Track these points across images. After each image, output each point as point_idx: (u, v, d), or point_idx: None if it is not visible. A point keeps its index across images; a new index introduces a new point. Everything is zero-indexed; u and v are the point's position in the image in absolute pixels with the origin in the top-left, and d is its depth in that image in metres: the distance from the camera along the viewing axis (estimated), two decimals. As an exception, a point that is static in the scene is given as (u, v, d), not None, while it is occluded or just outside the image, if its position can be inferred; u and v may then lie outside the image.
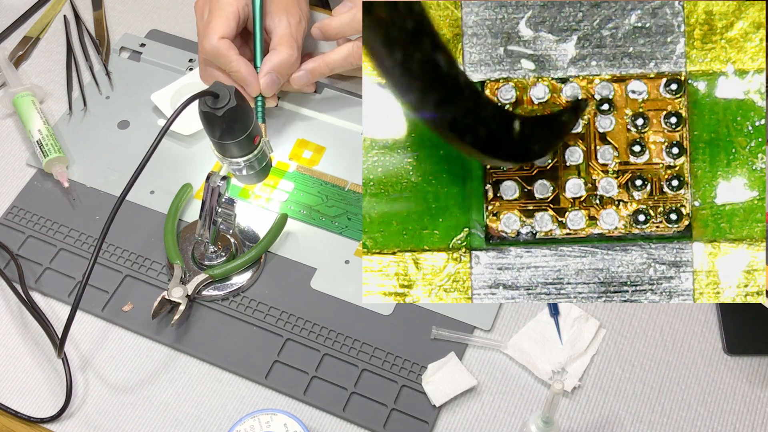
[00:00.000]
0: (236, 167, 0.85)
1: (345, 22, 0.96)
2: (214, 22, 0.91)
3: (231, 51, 0.91)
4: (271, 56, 0.93)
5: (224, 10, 0.92)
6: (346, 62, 0.96)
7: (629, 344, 0.85)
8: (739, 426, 0.80)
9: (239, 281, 0.88)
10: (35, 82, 1.04)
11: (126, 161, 0.96)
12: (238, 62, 0.91)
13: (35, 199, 0.94)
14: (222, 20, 0.91)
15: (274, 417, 0.77)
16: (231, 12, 0.92)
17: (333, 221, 0.92)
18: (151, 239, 0.91)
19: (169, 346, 0.85)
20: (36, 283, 0.88)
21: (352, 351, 0.84)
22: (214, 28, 0.91)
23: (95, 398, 0.82)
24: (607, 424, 0.81)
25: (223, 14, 0.92)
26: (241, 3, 0.93)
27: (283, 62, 0.93)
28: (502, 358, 0.84)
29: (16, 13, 1.11)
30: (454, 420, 0.81)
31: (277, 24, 0.95)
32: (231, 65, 0.91)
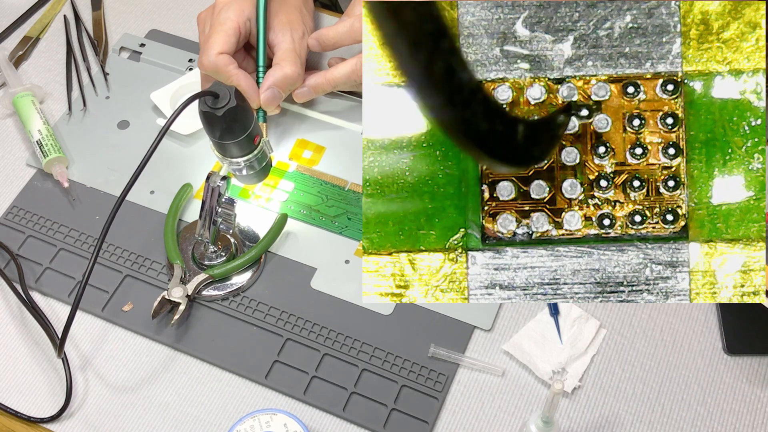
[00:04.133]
0: (236, 167, 0.85)
1: (342, 32, 0.95)
2: (213, 38, 0.91)
3: (230, 65, 0.91)
4: (273, 71, 0.93)
5: (224, 26, 0.92)
6: (349, 79, 0.96)
7: (629, 344, 0.85)
8: (739, 426, 0.80)
9: (239, 281, 0.88)
10: (35, 82, 1.04)
11: (126, 161, 0.96)
12: (238, 76, 0.91)
13: (35, 199, 0.94)
14: (221, 36, 0.91)
15: (274, 417, 0.77)
16: (231, 28, 0.92)
17: (333, 221, 0.92)
18: (151, 239, 0.91)
19: (169, 346, 0.85)
20: (36, 283, 0.89)
21: (352, 351, 0.84)
22: (213, 44, 0.91)
23: (95, 398, 0.82)
24: (607, 424, 0.81)
25: (223, 30, 0.91)
26: (242, 18, 0.93)
27: (286, 78, 0.93)
28: (502, 358, 0.84)
29: (16, 13, 1.11)
30: (454, 420, 0.81)
31: (281, 39, 0.95)
32: (231, 79, 0.91)
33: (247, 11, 0.93)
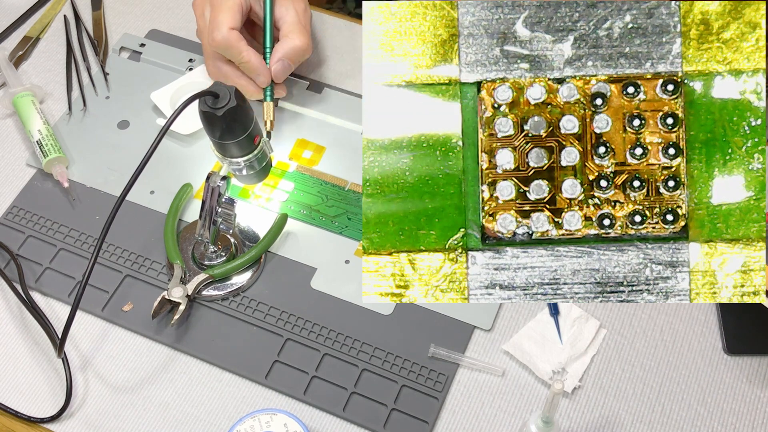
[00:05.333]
0: (236, 167, 0.85)
1: None
2: (222, 15, 0.92)
3: (241, 42, 0.91)
4: (282, 44, 0.94)
5: (229, 2, 0.92)
6: None
7: (629, 344, 0.85)
8: (739, 426, 0.80)
9: (239, 281, 0.88)
10: (35, 82, 1.04)
11: (126, 161, 0.96)
12: (248, 53, 0.91)
13: (35, 199, 0.94)
14: (229, 13, 0.92)
15: (274, 417, 0.77)
16: (236, 4, 0.93)
17: (333, 221, 0.92)
18: (151, 239, 0.91)
19: (169, 346, 0.85)
20: (36, 283, 0.89)
21: (352, 351, 0.84)
22: (223, 20, 0.91)
23: (95, 398, 0.82)
24: (607, 424, 0.81)
25: (229, 6, 0.92)
26: None
27: (296, 49, 0.94)
28: (502, 358, 0.84)
29: (16, 13, 1.11)
30: (454, 420, 0.81)
31: (285, 13, 0.96)
32: (241, 55, 0.91)
33: None
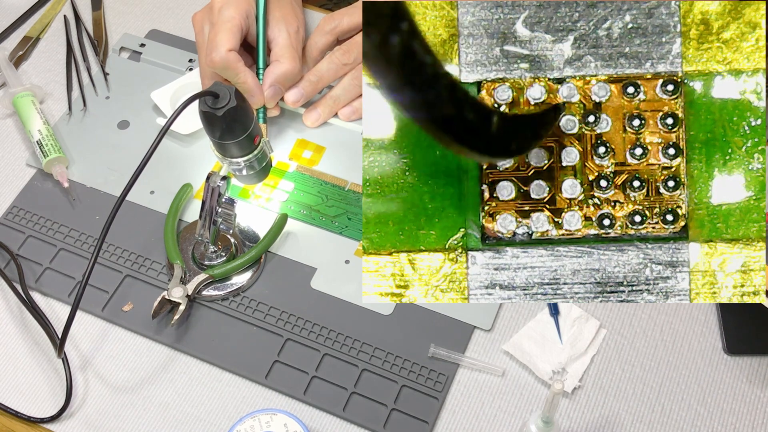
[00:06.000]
0: (236, 167, 0.85)
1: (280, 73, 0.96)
2: (221, 35, 0.91)
3: (239, 63, 0.91)
4: (273, 68, 0.94)
5: (229, 23, 0.92)
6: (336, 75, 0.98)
7: (629, 344, 0.85)
8: (739, 426, 0.80)
9: (239, 281, 0.88)
10: (35, 82, 1.04)
11: (126, 161, 0.96)
12: (245, 74, 0.91)
13: (35, 199, 0.94)
14: (228, 33, 0.91)
15: (274, 417, 0.77)
16: (235, 25, 0.92)
17: (333, 221, 0.92)
18: (151, 239, 0.91)
19: (169, 346, 0.85)
20: (36, 283, 0.89)
21: (352, 351, 0.84)
22: (222, 41, 0.91)
23: (95, 398, 0.82)
24: (607, 424, 0.81)
25: (228, 27, 0.92)
26: (243, 16, 0.93)
27: (286, 74, 0.94)
28: (502, 358, 0.84)
29: (16, 13, 1.11)
30: (454, 420, 0.81)
31: (277, 34, 0.95)
32: (238, 77, 0.91)
33: (244, 9, 0.94)
